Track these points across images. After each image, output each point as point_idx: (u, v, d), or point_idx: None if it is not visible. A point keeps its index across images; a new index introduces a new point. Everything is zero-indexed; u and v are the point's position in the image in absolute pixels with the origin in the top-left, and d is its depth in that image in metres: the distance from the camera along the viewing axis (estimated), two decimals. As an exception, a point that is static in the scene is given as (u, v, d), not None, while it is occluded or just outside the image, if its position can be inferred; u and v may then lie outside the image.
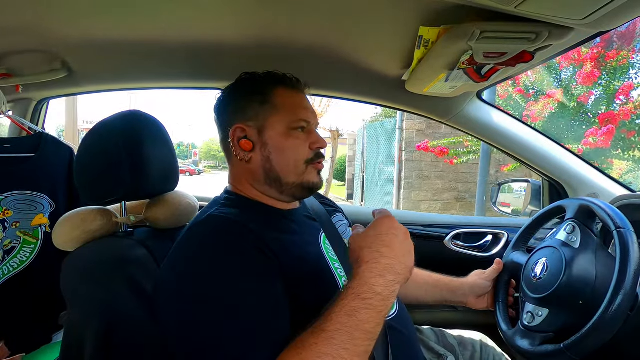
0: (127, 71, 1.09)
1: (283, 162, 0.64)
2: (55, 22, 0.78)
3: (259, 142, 0.64)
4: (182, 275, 0.51)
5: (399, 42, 0.81)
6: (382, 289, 0.46)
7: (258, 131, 0.64)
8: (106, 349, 0.61)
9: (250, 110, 0.65)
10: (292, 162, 0.64)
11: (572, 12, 0.56)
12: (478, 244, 1.24)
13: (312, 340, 0.43)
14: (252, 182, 0.66)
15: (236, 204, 0.63)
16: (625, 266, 0.62)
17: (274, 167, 0.64)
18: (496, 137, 1.17)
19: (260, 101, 0.65)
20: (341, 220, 0.83)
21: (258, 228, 0.56)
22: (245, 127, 0.64)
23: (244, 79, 0.70)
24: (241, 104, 0.66)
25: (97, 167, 0.71)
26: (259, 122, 0.64)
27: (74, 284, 0.66)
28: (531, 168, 1.20)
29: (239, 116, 0.66)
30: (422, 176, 6.07)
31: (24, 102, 1.22)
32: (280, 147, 0.64)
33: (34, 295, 1.08)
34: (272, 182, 0.64)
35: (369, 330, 0.44)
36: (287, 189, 0.65)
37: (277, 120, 0.64)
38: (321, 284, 0.60)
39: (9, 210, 1.05)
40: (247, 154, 0.64)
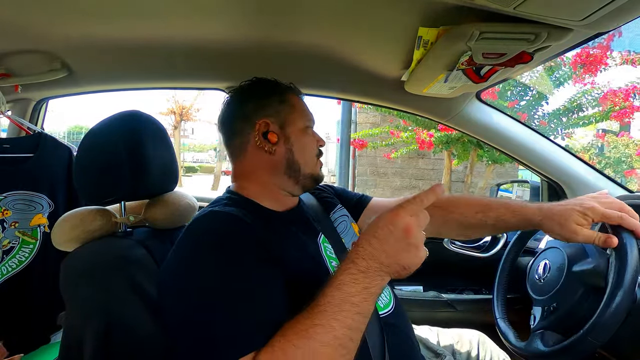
0: (126, 71, 1.09)
1: (302, 155, 0.71)
2: (55, 22, 0.78)
3: (282, 136, 0.70)
4: (183, 268, 0.53)
5: (398, 43, 0.81)
6: (364, 269, 0.48)
7: (280, 126, 0.70)
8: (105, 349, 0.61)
9: (271, 107, 0.70)
10: (309, 155, 0.72)
11: (571, 13, 0.57)
12: (477, 244, 1.24)
13: (306, 315, 0.47)
14: (267, 175, 0.70)
15: (238, 204, 0.64)
16: (624, 266, 0.62)
17: (296, 159, 0.70)
18: (495, 137, 1.17)
19: (279, 100, 0.71)
20: (342, 217, 0.82)
21: (258, 227, 0.58)
22: (269, 122, 0.69)
23: (258, 81, 0.75)
24: (262, 102, 0.71)
25: (96, 167, 0.71)
26: (280, 118, 0.70)
27: (73, 284, 0.66)
28: (530, 168, 1.21)
29: (261, 112, 0.70)
30: (377, 173, 5.85)
31: (23, 102, 1.22)
32: (300, 141, 0.71)
33: (33, 296, 1.08)
34: (292, 172, 0.70)
35: (357, 303, 0.47)
36: (302, 180, 0.71)
37: (295, 118, 0.71)
38: (318, 284, 0.60)
39: (8, 210, 1.05)
40: (272, 146, 0.69)
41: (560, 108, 3.60)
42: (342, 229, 0.79)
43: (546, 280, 0.76)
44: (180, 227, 0.83)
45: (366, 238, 0.50)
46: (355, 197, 0.91)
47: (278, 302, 0.52)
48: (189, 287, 0.51)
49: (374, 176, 5.89)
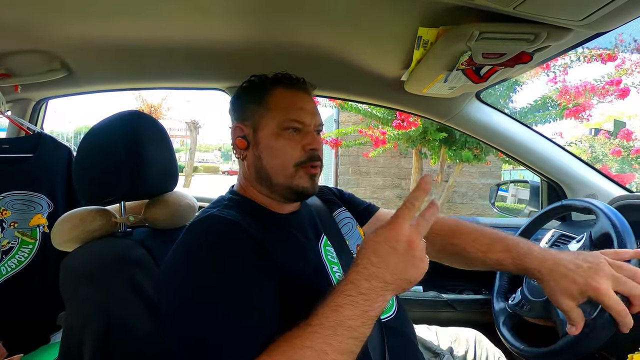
0: (126, 71, 1.09)
1: (272, 162, 0.64)
2: (55, 22, 0.78)
3: (253, 141, 0.65)
4: (179, 272, 0.53)
5: (398, 43, 0.81)
6: (366, 291, 0.45)
7: (253, 130, 0.65)
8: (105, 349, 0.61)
9: (248, 110, 0.67)
10: (281, 162, 0.63)
11: (570, 13, 0.57)
12: (477, 245, 1.24)
13: (297, 334, 0.44)
14: (249, 181, 0.68)
15: (239, 206, 0.64)
16: None
17: (264, 166, 0.64)
18: (495, 137, 1.17)
19: (256, 102, 0.66)
20: (346, 218, 0.80)
21: (257, 232, 0.57)
22: (243, 126, 0.66)
23: (247, 81, 0.71)
24: (241, 105, 0.69)
25: (96, 167, 0.71)
26: (255, 121, 0.65)
27: (72, 284, 0.66)
28: (530, 169, 1.21)
29: (239, 116, 0.68)
30: (359, 172, 5.79)
31: (22, 102, 1.22)
32: (270, 147, 0.64)
33: (33, 296, 1.07)
34: (263, 180, 0.65)
35: (354, 327, 0.44)
36: (277, 190, 0.65)
37: (269, 119, 0.64)
38: (316, 290, 0.59)
39: (7, 210, 1.05)
40: (243, 152, 0.67)
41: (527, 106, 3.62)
42: (346, 230, 0.77)
43: None
44: (180, 227, 0.83)
45: (366, 256, 0.47)
46: (362, 205, 0.87)
47: (271, 312, 0.51)
48: (183, 289, 0.51)
49: (356, 175, 5.87)
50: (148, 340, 0.63)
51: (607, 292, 0.55)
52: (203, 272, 0.51)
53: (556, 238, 1.01)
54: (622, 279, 0.56)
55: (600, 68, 3.39)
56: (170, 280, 0.53)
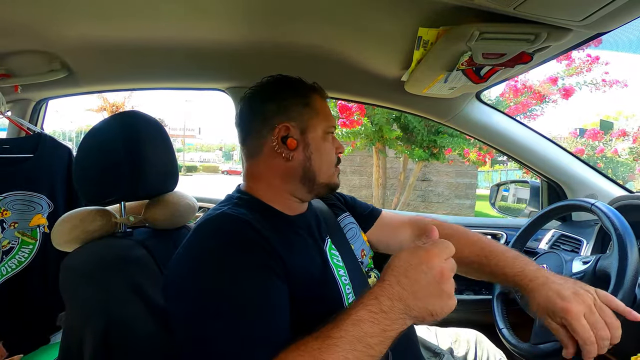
0: (126, 71, 1.09)
1: (319, 163, 0.67)
2: (55, 22, 0.78)
3: (302, 142, 0.66)
4: (191, 269, 0.53)
5: (398, 43, 0.81)
6: (388, 309, 0.45)
7: (300, 131, 0.66)
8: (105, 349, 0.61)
9: (294, 111, 0.67)
10: (327, 163, 0.68)
11: (570, 13, 0.57)
12: (477, 245, 1.24)
13: (316, 345, 0.43)
14: (281, 180, 0.67)
15: (248, 205, 0.64)
16: (623, 267, 0.62)
17: (313, 167, 0.67)
18: (495, 138, 1.17)
19: (303, 103, 0.67)
20: (351, 223, 0.82)
21: (267, 231, 0.57)
22: (290, 126, 0.66)
23: (281, 80, 0.71)
24: (285, 104, 0.67)
25: (96, 168, 0.71)
26: (302, 123, 0.67)
27: (72, 284, 0.66)
28: (530, 169, 1.21)
29: (282, 115, 0.66)
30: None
31: (23, 102, 1.22)
32: (320, 149, 0.67)
33: (33, 296, 1.07)
34: (307, 180, 0.67)
35: (372, 345, 0.43)
36: (316, 188, 0.68)
37: (317, 123, 0.67)
38: (324, 292, 0.60)
39: (7, 210, 1.05)
40: (290, 152, 0.66)
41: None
42: (351, 235, 0.78)
43: None
44: (180, 228, 0.83)
45: (394, 275, 0.46)
46: (367, 209, 0.89)
47: (282, 313, 0.51)
48: (193, 288, 0.51)
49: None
50: (148, 340, 0.63)
51: (578, 317, 0.56)
52: (215, 271, 0.51)
53: (556, 238, 1.01)
54: (596, 317, 0.57)
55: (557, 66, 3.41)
56: (181, 279, 0.53)
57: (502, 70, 0.79)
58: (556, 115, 37.31)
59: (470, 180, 5.98)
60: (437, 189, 5.93)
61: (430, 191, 5.89)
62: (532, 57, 0.71)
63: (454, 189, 5.94)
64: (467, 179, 5.92)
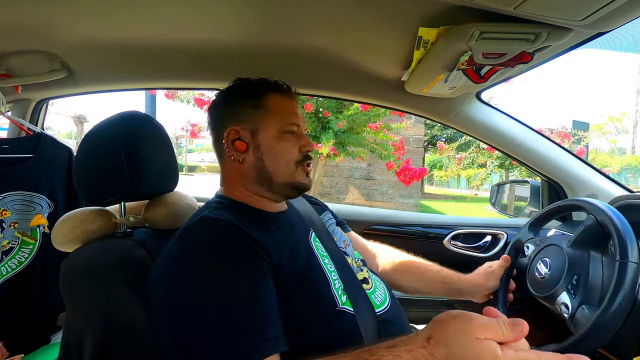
0: (127, 71, 1.09)
1: (275, 163, 0.67)
2: (55, 22, 0.78)
3: (252, 144, 0.67)
4: (176, 274, 0.53)
5: (398, 43, 0.81)
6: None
7: (251, 133, 0.67)
8: (105, 349, 0.61)
9: (244, 113, 0.68)
10: (283, 163, 0.67)
11: (571, 13, 0.57)
12: (477, 245, 1.24)
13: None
14: (243, 183, 0.68)
15: (228, 207, 0.65)
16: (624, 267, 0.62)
17: (266, 167, 0.67)
18: (496, 137, 1.17)
19: (253, 105, 0.68)
20: (330, 219, 0.86)
21: (250, 229, 0.58)
22: (239, 129, 0.67)
23: (238, 84, 0.72)
24: (235, 108, 0.69)
25: (96, 168, 0.71)
26: (253, 124, 0.67)
27: (72, 284, 0.66)
28: (531, 169, 1.21)
29: (233, 119, 0.68)
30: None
31: (23, 102, 1.22)
32: (272, 149, 0.67)
33: (33, 296, 1.07)
34: (263, 181, 0.67)
35: None
36: (278, 188, 0.68)
37: (270, 123, 0.67)
38: (312, 280, 0.62)
39: (7, 210, 1.05)
40: (240, 155, 0.67)
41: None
42: (332, 230, 0.81)
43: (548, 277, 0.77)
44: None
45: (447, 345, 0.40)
46: (338, 218, 0.92)
47: (271, 311, 0.52)
48: (182, 292, 0.51)
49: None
50: (148, 341, 0.63)
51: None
52: (201, 274, 0.51)
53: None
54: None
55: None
56: (166, 283, 0.53)
57: (503, 70, 0.79)
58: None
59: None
60: (381, 187, 5.97)
61: (374, 190, 5.93)
62: (533, 57, 0.71)
63: (398, 187, 5.92)
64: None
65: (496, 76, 0.83)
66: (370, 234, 1.26)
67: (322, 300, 0.60)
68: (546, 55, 0.75)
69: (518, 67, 0.76)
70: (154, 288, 0.55)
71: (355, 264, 0.75)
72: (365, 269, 0.76)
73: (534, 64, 0.77)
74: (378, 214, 1.33)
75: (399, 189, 5.92)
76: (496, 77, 0.83)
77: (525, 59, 0.72)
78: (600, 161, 12.90)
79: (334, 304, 0.60)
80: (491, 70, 0.79)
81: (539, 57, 0.74)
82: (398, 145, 4.02)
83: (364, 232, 1.26)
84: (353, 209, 1.39)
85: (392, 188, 5.96)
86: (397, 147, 4.00)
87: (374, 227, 1.27)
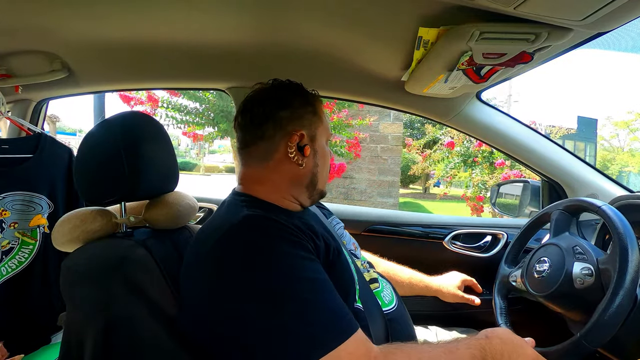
0: (127, 71, 1.09)
1: (324, 170, 0.71)
2: (55, 22, 0.78)
3: (312, 149, 0.68)
4: (243, 276, 0.52)
5: (398, 43, 0.81)
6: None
7: (310, 138, 0.68)
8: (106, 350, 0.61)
9: (306, 118, 0.68)
10: (327, 170, 0.71)
11: (571, 13, 0.57)
12: (477, 245, 1.24)
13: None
14: (286, 186, 0.68)
15: (259, 205, 0.64)
16: (624, 267, 0.62)
17: (318, 174, 0.69)
18: (496, 137, 1.17)
19: (312, 112, 0.69)
20: (338, 223, 0.87)
21: (290, 225, 0.58)
22: (305, 133, 0.67)
23: (291, 85, 0.71)
24: (299, 111, 0.68)
25: (96, 168, 0.71)
26: (312, 131, 0.68)
27: (73, 284, 0.66)
28: (531, 169, 1.21)
29: (297, 122, 0.67)
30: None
31: (23, 102, 1.22)
32: (324, 157, 0.70)
33: (33, 296, 1.07)
34: (311, 186, 0.69)
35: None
36: (315, 194, 0.70)
37: (322, 131, 0.70)
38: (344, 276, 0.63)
39: (7, 211, 1.05)
40: (304, 159, 0.67)
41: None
42: (340, 233, 0.83)
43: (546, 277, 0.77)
44: (181, 228, 0.83)
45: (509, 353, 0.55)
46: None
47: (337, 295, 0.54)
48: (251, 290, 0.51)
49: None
50: (149, 341, 0.63)
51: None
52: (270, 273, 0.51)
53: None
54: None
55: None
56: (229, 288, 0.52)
57: (503, 70, 0.79)
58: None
59: (393, 178, 5.88)
60: (359, 186, 5.93)
61: (352, 188, 5.90)
62: (533, 57, 0.71)
63: (376, 186, 5.88)
64: (389, 176, 5.83)
65: (496, 76, 0.83)
66: (370, 234, 1.26)
67: (348, 298, 0.61)
68: (546, 55, 0.75)
69: (518, 67, 0.76)
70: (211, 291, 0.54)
71: (362, 267, 0.77)
72: (372, 270, 0.78)
73: (534, 64, 0.77)
74: (378, 214, 1.33)
75: (378, 188, 5.85)
76: (496, 77, 0.83)
77: (525, 59, 0.72)
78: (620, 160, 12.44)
79: (355, 301, 0.62)
80: (491, 70, 0.79)
81: (539, 57, 0.74)
82: (353, 142, 4.08)
83: (363, 232, 1.26)
84: (353, 209, 1.38)
85: (370, 187, 5.89)
86: (352, 145, 4.04)
87: (373, 227, 1.27)
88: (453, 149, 4.30)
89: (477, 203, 4.03)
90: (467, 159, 4.17)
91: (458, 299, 1.02)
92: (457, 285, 1.03)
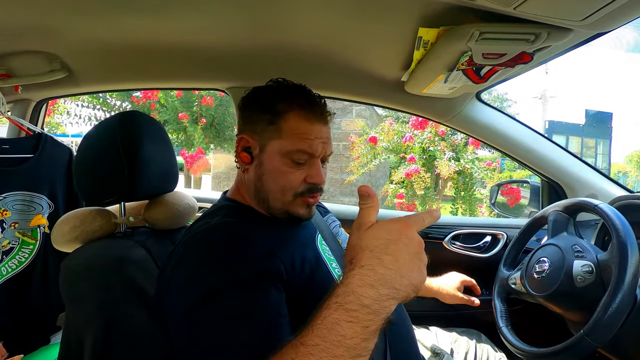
0: (126, 71, 1.09)
1: (272, 186, 0.63)
2: (55, 23, 0.78)
3: (257, 159, 0.64)
4: (193, 279, 0.51)
5: (398, 44, 0.81)
6: (370, 302, 0.39)
7: (260, 148, 0.64)
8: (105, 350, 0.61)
9: (258, 125, 0.64)
10: (280, 189, 0.63)
11: (571, 13, 0.57)
12: (477, 245, 1.24)
13: (291, 355, 0.39)
14: (247, 192, 0.68)
15: (239, 213, 0.65)
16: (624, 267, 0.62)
17: (264, 188, 0.64)
18: (496, 138, 1.17)
19: (269, 120, 0.63)
20: (334, 222, 0.86)
21: (262, 236, 0.57)
22: (251, 139, 0.65)
23: (267, 88, 0.67)
24: (254, 115, 0.65)
25: (96, 168, 0.71)
26: (263, 140, 0.63)
27: (72, 284, 0.66)
28: (531, 169, 1.21)
29: (248, 127, 0.66)
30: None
31: (23, 102, 1.22)
32: (272, 171, 0.62)
33: (33, 296, 1.08)
34: (261, 200, 0.65)
35: (353, 346, 0.38)
36: (274, 212, 0.65)
37: (278, 144, 0.62)
38: (321, 286, 0.60)
39: (7, 211, 1.05)
40: (244, 165, 0.66)
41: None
42: (336, 232, 0.82)
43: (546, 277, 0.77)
44: (180, 228, 0.83)
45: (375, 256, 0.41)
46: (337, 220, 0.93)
47: (280, 318, 0.50)
48: (194, 299, 0.50)
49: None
50: (148, 341, 0.63)
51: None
52: (215, 282, 0.50)
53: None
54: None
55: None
56: (180, 289, 0.52)
57: (503, 70, 0.79)
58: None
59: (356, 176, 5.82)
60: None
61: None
62: (533, 57, 0.71)
63: (338, 185, 5.73)
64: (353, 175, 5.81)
65: (496, 76, 0.83)
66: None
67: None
68: (546, 55, 0.75)
69: (518, 67, 0.76)
70: (169, 289, 0.54)
71: None
72: None
73: (534, 64, 0.77)
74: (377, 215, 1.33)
75: (341, 187, 5.74)
76: (496, 77, 0.83)
77: (525, 59, 0.72)
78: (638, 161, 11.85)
79: None
80: (491, 70, 0.79)
81: (539, 57, 0.74)
82: None
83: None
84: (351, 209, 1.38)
85: (333, 186, 5.79)
86: None
87: (374, 227, 1.27)
88: (376, 145, 3.91)
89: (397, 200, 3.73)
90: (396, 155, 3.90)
91: (457, 300, 1.01)
92: (457, 287, 1.02)
